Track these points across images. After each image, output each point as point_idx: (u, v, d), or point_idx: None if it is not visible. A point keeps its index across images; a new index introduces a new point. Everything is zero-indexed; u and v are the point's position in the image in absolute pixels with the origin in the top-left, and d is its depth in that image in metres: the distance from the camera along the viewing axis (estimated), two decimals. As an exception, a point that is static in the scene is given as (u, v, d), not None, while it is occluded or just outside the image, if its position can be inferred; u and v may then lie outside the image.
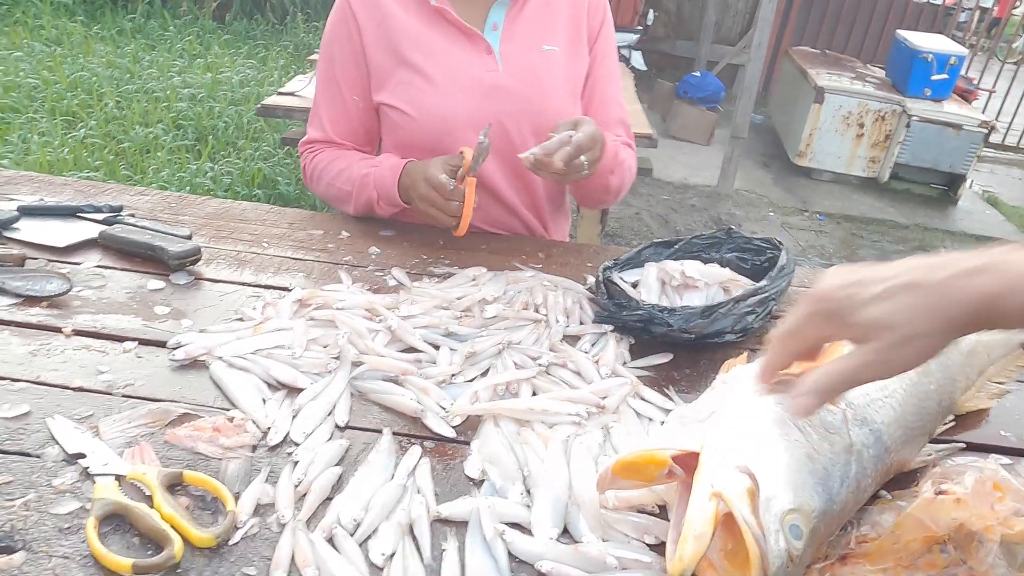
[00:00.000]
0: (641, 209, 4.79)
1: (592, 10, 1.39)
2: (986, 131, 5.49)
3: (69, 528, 0.67)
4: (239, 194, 3.76)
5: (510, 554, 0.70)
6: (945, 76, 5.46)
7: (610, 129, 1.41)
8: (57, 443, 0.76)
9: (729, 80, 7.02)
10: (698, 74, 6.33)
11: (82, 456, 0.74)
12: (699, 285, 1.15)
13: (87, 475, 0.73)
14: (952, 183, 5.73)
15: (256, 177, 3.93)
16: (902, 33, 5.85)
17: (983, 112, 5.98)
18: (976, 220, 5.58)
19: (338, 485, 0.76)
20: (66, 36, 5.48)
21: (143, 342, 0.95)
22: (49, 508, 0.69)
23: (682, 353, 1.06)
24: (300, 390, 0.89)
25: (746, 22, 7.34)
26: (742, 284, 1.18)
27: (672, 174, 5.44)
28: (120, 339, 0.95)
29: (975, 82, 6.32)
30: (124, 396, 0.85)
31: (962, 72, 5.81)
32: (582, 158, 1.18)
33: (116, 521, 0.69)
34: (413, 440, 0.84)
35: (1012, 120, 6.85)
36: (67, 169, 3.58)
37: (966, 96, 5.98)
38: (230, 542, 0.68)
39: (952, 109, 5.53)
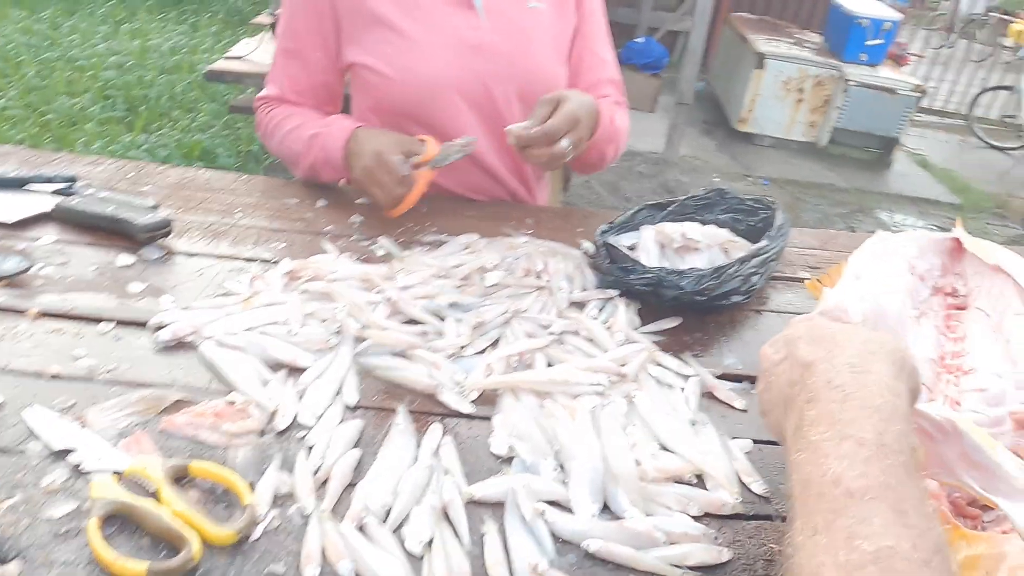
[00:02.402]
0: (591, 177, 4.76)
1: None
2: (919, 95, 5.65)
3: (67, 532, 0.60)
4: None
5: (553, 534, 0.66)
6: (880, 41, 5.58)
7: (602, 88, 1.36)
8: (38, 438, 0.68)
9: (667, 47, 7.02)
10: (642, 40, 6.30)
11: (71, 451, 0.66)
12: (700, 247, 1.12)
13: (79, 472, 0.65)
14: (887, 147, 5.89)
15: (195, 150, 3.75)
16: (837, -1, 5.94)
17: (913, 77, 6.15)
18: (909, 183, 5.76)
19: (359, 469, 0.70)
20: (-27, 0, 5.10)
21: (120, 322, 0.86)
22: (40, 512, 0.61)
23: (689, 316, 1.03)
24: (301, 369, 0.82)
25: (685, -12, 7.33)
26: (740, 245, 1.16)
27: (619, 141, 5.42)
28: (95, 320, 0.86)
29: (906, 47, 6.50)
30: (108, 382, 0.77)
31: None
32: (563, 143, 1.11)
33: (120, 521, 0.61)
34: (430, 418, 0.79)
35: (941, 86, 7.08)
36: (-14, 143, 3.33)
37: (898, 61, 6.13)
38: (251, 538, 0.62)
39: (887, 74, 5.66)
